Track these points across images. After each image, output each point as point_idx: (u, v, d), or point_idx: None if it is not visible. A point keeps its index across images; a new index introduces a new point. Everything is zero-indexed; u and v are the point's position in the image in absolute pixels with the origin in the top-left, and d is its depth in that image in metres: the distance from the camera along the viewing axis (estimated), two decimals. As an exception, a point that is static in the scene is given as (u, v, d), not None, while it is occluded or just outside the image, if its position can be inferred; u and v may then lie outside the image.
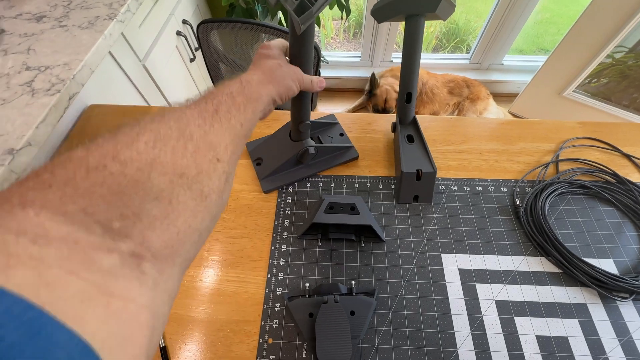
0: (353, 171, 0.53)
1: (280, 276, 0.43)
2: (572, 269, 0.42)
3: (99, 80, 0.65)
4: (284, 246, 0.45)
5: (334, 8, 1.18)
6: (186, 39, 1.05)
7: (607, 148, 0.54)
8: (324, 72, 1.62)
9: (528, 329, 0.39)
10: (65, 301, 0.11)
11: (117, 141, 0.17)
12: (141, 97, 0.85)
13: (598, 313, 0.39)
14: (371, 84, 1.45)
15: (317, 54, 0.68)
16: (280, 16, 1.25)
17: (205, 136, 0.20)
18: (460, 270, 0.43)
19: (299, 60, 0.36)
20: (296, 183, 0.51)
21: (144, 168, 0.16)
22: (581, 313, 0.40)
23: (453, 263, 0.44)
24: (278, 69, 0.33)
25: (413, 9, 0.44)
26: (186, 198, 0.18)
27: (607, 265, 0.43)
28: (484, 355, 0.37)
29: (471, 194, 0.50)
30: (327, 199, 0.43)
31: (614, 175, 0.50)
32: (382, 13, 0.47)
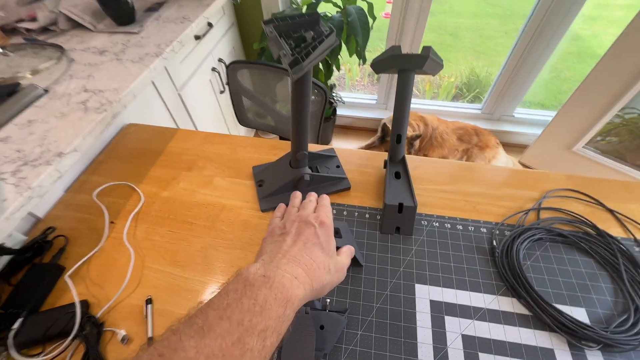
0: (344, 200, 0.58)
1: (263, 287, 0.47)
2: (542, 313, 0.43)
3: (140, 103, 0.77)
4: (271, 260, 0.50)
5: (354, 55, 1.31)
6: (219, 74, 1.20)
7: (590, 201, 0.56)
8: (341, 111, 1.74)
9: (491, 366, 0.40)
10: None
11: None
12: (172, 121, 0.97)
13: (565, 359, 0.40)
14: (383, 132, 1.55)
15: (325, 95, 0.77)
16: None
17: None
18: (431, 301, 0.45)
19: (297, 103, 0.43)
20: (291, 205, 0.57)
21: None
22: (547, 357, 0.40)
23: (425, 294, 0.46)
24: (326, 276, 0.30)
25: (404, 65, 0.52)
26: None
27: (579, 313, 0.44)
28: (444, 386, 0.38)
29: (451, 232, 0.53)
30: (314, 221, 0.48)
31: (594, 227, 0.52)
32: (380, 66, 0.55)
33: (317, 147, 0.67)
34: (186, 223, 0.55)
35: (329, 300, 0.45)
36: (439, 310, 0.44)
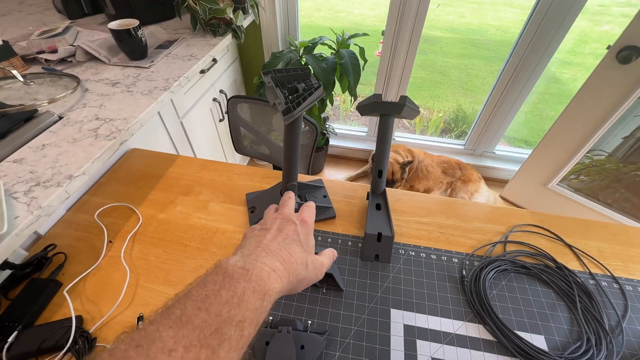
0: (329, 228, 0.63)
1: (249, 307, 0.50)
2: (505, 340, 0.47)
3: (144, 129, 0.83)
4: (259, 282, 0.53)
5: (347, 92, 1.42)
6: (219, 104, 1.28)
7: (552, 236, 0.62)
8: (334, 142, 1.83)
9: (457, 388, 0.43)
10: None
11: None
12: (173, 146, 1.03)
13: (523, 383, 0.44)
14: (373, 162, 1.63)
15: (316, 130, 0.85)
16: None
17: None
18: (405, 325, 0.49)
19: (288, 141, 0.49)
20: (280, 231, 0.61)
21: None
22: (508, 381, 0.44)
23: (400, 318, 0.50)
24: (303, 271, 0.31)
25: (384, 111, 0.59)
26: None
27: (538, 340, 0.48)
28: (413, 405, 0.41)
29: (426, 261, 0.58)
30: (299, 247, 0.53)
31: (554, 260, 0.57)
32: (363, 110, 0.62)
33: (307, 178, 0.73)
34: (181, 245, 0.59)
35: (310, 321, 0.48)
36: (412, 334, 0.48)
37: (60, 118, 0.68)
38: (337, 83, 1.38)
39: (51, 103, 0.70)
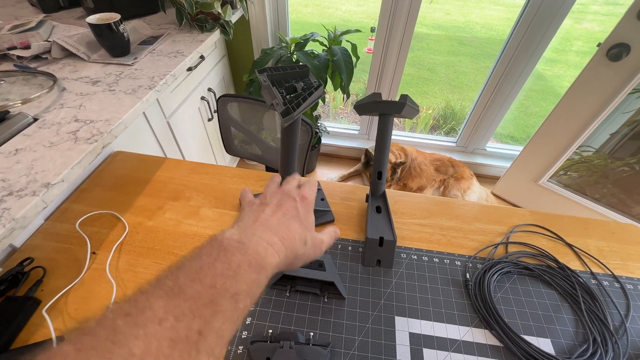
0: (328, 232, 0.60)
1: (247, 320, 0.47)
2: (512, 345, 0.46)
3: (127, 130, 0.78)
4: (256, 293, 0.51)
5: (338, 90, 1.39)
6: (208, 103, 1.24)
7: (552, 236, 0.62)
8: (325, 140, 1.80)
9: (466, 398, 0.41)
10: None
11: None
12: (160, 147, 0.98)
13: (533, 390, 0.43)
14: (367, 157, 1.61)
15: (312, 129, 0.82)
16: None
17: None
18: (410, 333, 0.47)
19: (286, 143, 0.47)
20: (277, 237, 0.59)
21: None
22: (517, 388, 0.43)
23: (405, 326, 0.48)
24: (301, 247, 0.30)
25: (384, 110, 0.57)
26: None
27: (545, 344, 0.47)
28: (422, 419, 0.40)
29: (428, 264, 0.56)
30: (299, 254, 0.50)
31: (556, 261, 0.57)
32: (362, 109, 0.60)
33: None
34: (171, 254, 0.56)
35: (312, 333, 0.46)
36: (418, 342, 0.46)
37: (35, 120, 0.63)
38: (329, 81, 1.35)
39: (25, 104, 0.64)
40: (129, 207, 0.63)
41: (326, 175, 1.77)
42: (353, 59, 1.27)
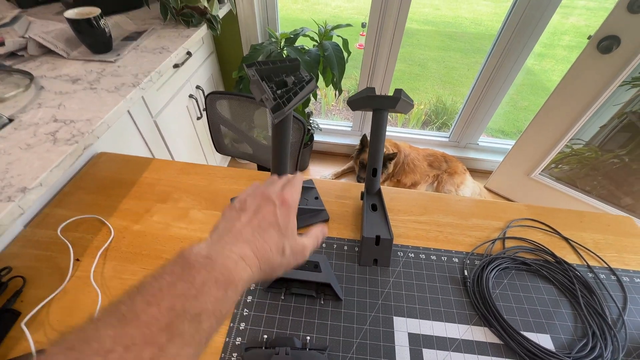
0: (323, 232, 0.59)
1: (241, 326, 0.46)
2: (512, 342, 0.45)
3: (112, 130, 0.75)
4: (250, 297, 0.49)
5: (330, 86, 1.37)
6: (196, 101, 1.20)
7: (548, 230, 0.61)
8: (318, 137, 1.78)
9: (468, 399, 0.41)
10: None
11: None
12: (147, 147, 0.94)
13: (534, 387, 0.42)
14: (362, 143, 1.59)
15: (304, 126, 0.80)
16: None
17: None
18: (409, 334, 0.46)
19: (277, 140, 0.45)
20: (270, 238, 0.57)
21: None
22: (519, 386, 0.42)
23: (403, 326, 0.47)
24: (278, 257, 0.29)
25: (378, 105, 0.55)
26: None
27: (545, 340, 0.46)
28: (424, 422, 0.38)
29: (426, 262, 0.55)
30: (293, 256, 0.49)
31: (553, 255, 0.56)
32: (355, 105, 0.58)
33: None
34: (160, 259, 0.53)
35: (309, 337, 0.44)
36: (417, 343, 0.45)
37: (10, 121, 0.59)
38: (321, 77, 1.33)
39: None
40: (114, 211, 0.60)
41: (320, 173, 1.75)
42: (344, 54, 1.25)
